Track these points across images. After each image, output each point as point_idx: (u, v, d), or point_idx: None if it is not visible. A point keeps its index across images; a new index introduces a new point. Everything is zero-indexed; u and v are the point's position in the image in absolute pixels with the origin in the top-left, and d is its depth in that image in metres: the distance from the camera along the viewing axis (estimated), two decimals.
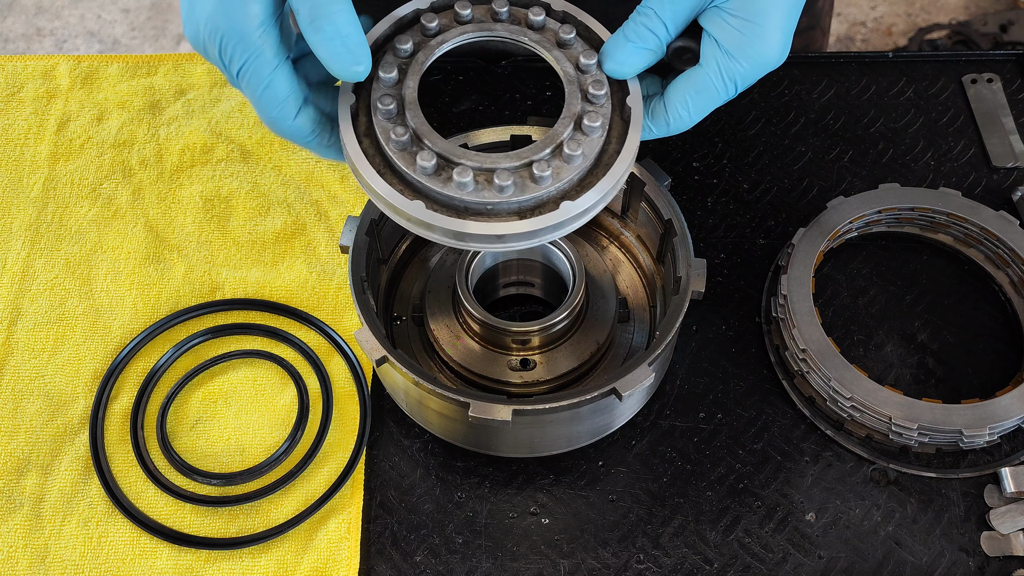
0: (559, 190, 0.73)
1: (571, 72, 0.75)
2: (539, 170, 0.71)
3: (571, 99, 0.74)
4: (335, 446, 0.95)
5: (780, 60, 0.75)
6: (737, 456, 0.94)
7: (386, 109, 0.72)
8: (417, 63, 0.75)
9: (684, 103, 0.76)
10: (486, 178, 0.71)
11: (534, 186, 0.71)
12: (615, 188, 0.74)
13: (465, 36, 0.76)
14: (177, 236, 1.07)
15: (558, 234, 0.73)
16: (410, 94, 0.73)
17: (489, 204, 0.71)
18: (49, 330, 1.01)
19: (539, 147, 0.72)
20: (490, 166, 0.71)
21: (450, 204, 0.72)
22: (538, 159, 0.72)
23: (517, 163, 0.72)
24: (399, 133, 0.71)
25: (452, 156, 0.71)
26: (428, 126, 0.72)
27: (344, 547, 0.89)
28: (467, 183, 0.70)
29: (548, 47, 0.76)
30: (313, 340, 1.00)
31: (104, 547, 0.90)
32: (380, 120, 0.73)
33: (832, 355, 0.93)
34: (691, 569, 0.89)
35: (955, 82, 1.17)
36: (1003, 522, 0.90)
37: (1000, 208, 1.02)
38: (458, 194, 0.71)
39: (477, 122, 1.12)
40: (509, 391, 0.91)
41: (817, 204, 1.07)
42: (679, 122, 0.77)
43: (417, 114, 0.72)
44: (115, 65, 1.18)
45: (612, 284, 0.97)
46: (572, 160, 0.72)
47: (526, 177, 0.72)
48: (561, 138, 0.73)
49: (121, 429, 0.96)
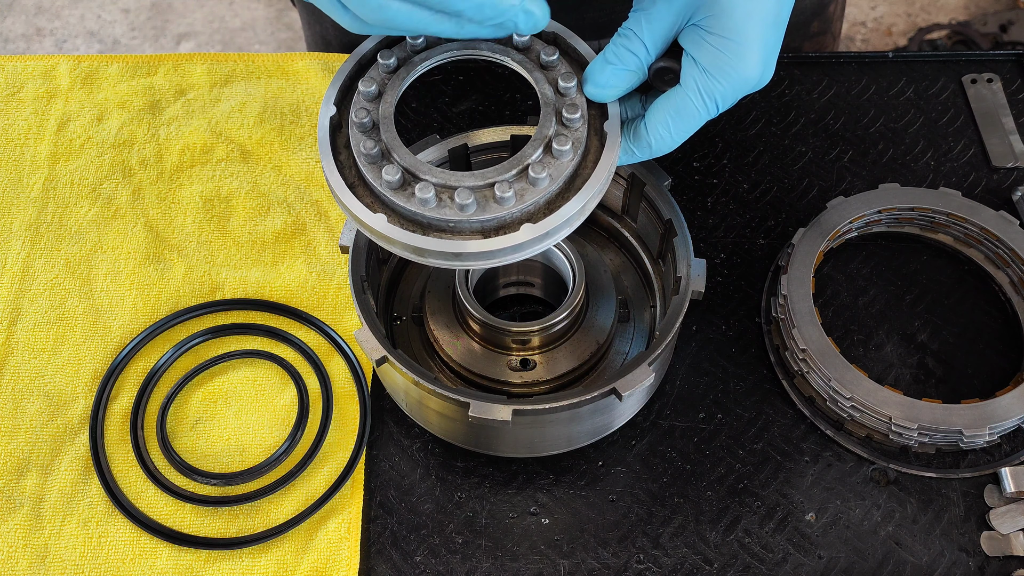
0: (523, 211, 0.72)
1: (549, 94, 0.75)
2: (501, 191, 0.71)
3: (545, 121, 0.74)
4: (335, 446, 0.95)
5: (761, 79, 0.73)
6: (737, 456, 0.94)
7: (361, 123, 0.73)
8: (398, 79, 0.75)
9: (665, 124, 0.75)
10: (448, 195, 0.71)
11: (496, 206, 0.71)
12: (582, 212, 0.73)
13: (448, 54, 0.76)
14: (177, 236, 1.07)
15: (520, 255, 0.72)
16: (386, 109, 0.74)
17: (451, 221, 0.71)
18: (49, 330, 1.01)
19: (504, 168, 0.72)
20: (452, 183, 0.71)
21: (414, 219, 0.72)
22: (500, 180, 0.72)
23: (480, 182, 0.72)
24: (368, 147, 0.72)
25: (417, 171, 0.72)
26: (399, 141, 0.72)
27: (344, 547, 0.90)
28: (429, 199, 0.71)
29: (530, 68, 0.76)
30: (313, 340, 1.00)
31: (104, 547, 0.90)
32: (355, 133, 0.73)
33: (832, 355, 0.93)
34: (691, 569, 0.89)
35: (955, 82, 1.17)
36: (1003, 522, 0.90)
37: (1000, 208, 1.02)
38: (420, 210, 0.71)
39: (477, 122, 1.12)
40: (509, 391, 0.91)
41: (817, 204, 1.07)
42: (661, 144, 0.76)
43: (389, 129, 0.73)
44: (115, 65, 1.18)
45: (612, 284, 0.97)
46: (537, 183, 0.72)
47: (489, 197, 0.72)
48: (528, 160, 0.72)
49: (121, 429, 0.96)
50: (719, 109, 0.74)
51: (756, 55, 0.72)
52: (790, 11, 0.74)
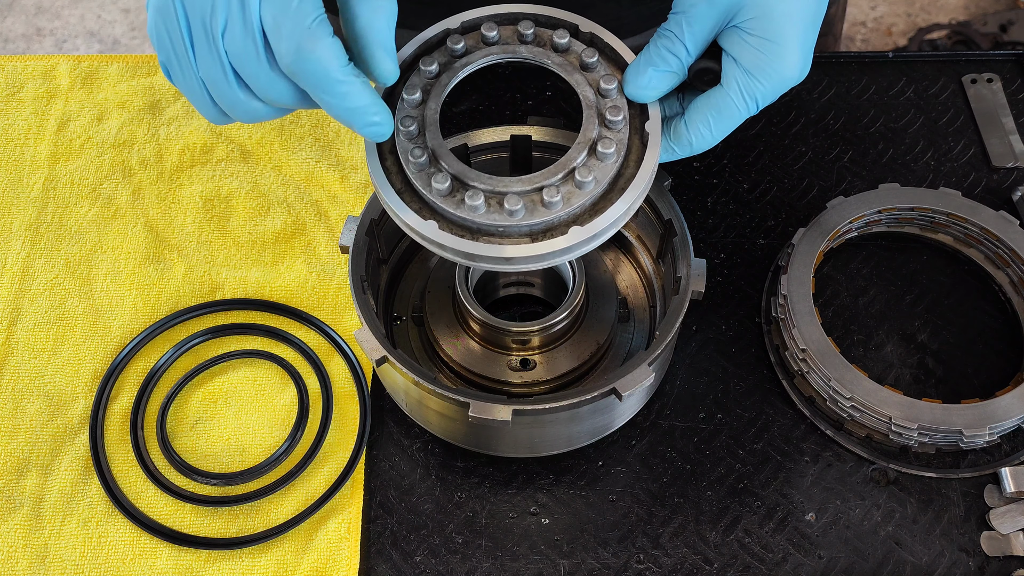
0: (570, 214, 0.73)
1: (591, 96, 0.76)
2: (549, 196, 0.72)
3: (588, 124, 0.75)
4: (335, 446, 0.95)
5: (800, 77, 0.76)
6: (737, 456, 0.94)
7: (407, 130, 0.74)
8: (440, 85, 0.76)
9: (706, 123, 0.77)
10: (497, 200, 0.73)
11: (544, 211, 0.73)
12: (627, 214, 0.74)
13: (490, 58, 0.77)
14: (177, 236, 1.07)
15: (567, 257, 0.74)
16: (431, 115, 0.75)
17: (500, 226, 0.73)
18: (49, 330, 1.01)
19: (551, 172, 0.73)
20: (501, 190, 0.73)
21: (463, 225, 0.73)
22: (548, 184, 0.73)
23: (528, 187, 0.73)
24: (417, 155, 0.73)
25: (466, 179, 0.73)
26: (446, 148, 0.74)
27: (344, 547, 0.90)
28: (479, 206, 0.72)
29: (570, 71, 0.77)
30: (313, 340, 1.00)
31: (104, 547, 0.90)
32: (401, 140, 0.74)
33: (832, 355, 0.93)
34: (691, 569, 0.89)
35: (955, 82, 1.17)
36: (1003, 522, 0.90)
37: (1000, 208, 1.02)
38: (470, 216, 0.72)
39: (477, 122, 1.12)
40: (509, 391, 0.91)
41: (817, 204, 1.07)
42: (701, 142, 0.78)
43: (436, 135, 0.74)
44: (115, 65, 1.18)
45: (612, 284, 0.97)
46: (584, 186, 0.73)
47: (536, 202, 0.73)
48: (574, 164, 0.73)
49: (121, 429, 0.96)
50: (759, 107, 0.76)
51: (796, 55, 0.74)
52: (825, 9, 0.77)
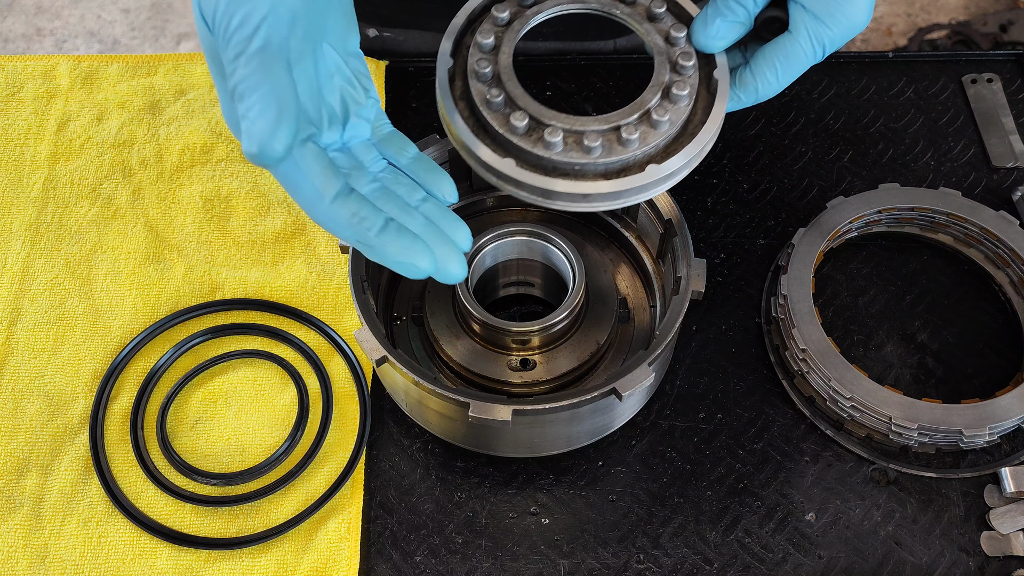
0: (645, 154, 0.76)
1: (660, 44, 0.78)
2: (627, 133, 0.74)
3: (660, 69, 0.77)
4: (335, 446, 0.95)
5: (867, 22, 0.78)
6: (737, 456, 0.94)
7: (483, 72, 0.76)
8: (512, 31, 0.78)
9: (773, 70, 0.79)
10: (575, 140, 0.75)
11: (621, 149, 0.75)
12: (700, 155, 0.77)
13: (560, 7, 0.80)
14: (177, 236, 1.07)
15: (642, 196, 0.76)
16: (505, 60, 0.77)
17: (577, 165, 0.74)
18: (49, 330, 1.01)
19: (627, 112, 0.75)
20: (579, 128, 0.75)
21: (539, 164, 0.75)
22: (626, 123, 0.75)
23: (605, 126, 0.75)
24: (494, 95, 0.75)
25: (543, 118, 0.75)
26: (522, 90, 0.76)
27: (344, 547, 0.90)
28: (556, 143, 0.74)
29: (639, 20, 0.79)
30: (313, 340, 1.00)
31: (104, 547, 0.90)
32: (476, 84, 0.76)
33: (832, 355, 0.93)
34: (691, 569, 0.89)
35: (955, 82, 1.17)
36: (1003, 522, 0.90)
37: (1000, 208, 1.02)
38: (547, 154, 0.74)
39: None
40: (509, 391, 0.91)
41: (817, 204, 1.07)
42: (768, 88, 0.80)
43: (512, 78, 0.76)
44: (115, 65, 1.18)
45: (612, 284, 0.97)
46: (659, 126, 0.75)
47: (613, 140, 0.75)
48: (649, 105, 0.76)
49: (121, 429, 0.96)
50: (826, 54, 0.78)
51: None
52: None
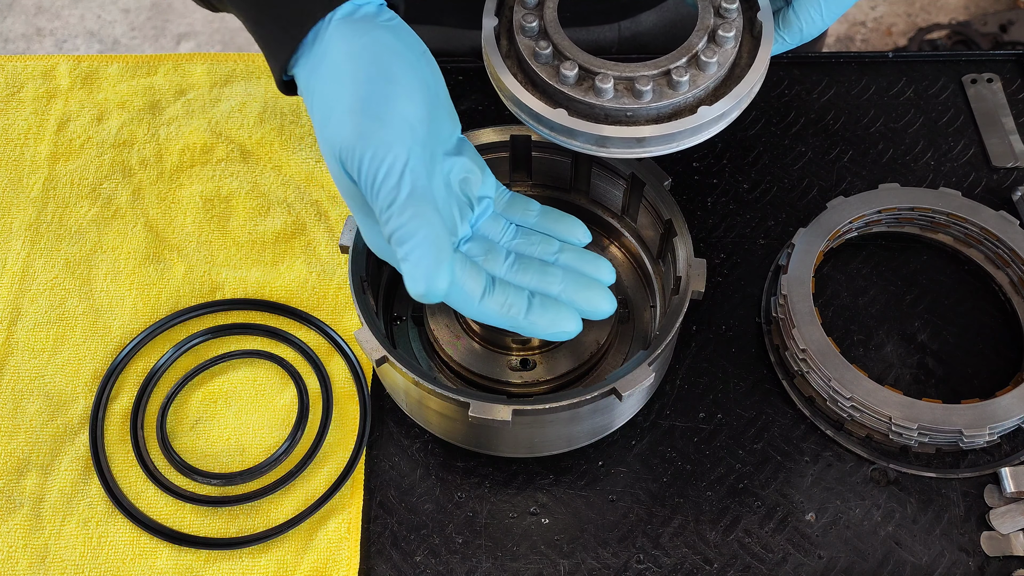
0: (695, 97, 0.78)
1: None
2: (677, 76, 0.76)
3: (704, 14, 0.79)
4: (335, 446, 0.95)
5: None
6: (737, 456, 0.94)
7: (530, 27, 0.79)
8: None
9: (817, 8, 0.81)
10: (626, 86, 0.76)
11: (671, 92, 0.76)
12: (749, 95, 0.79)
13: None
14: (177, 236, 1.07)
15: (695, 139, 0.78)
16: (550, 14, 0.80)
17: (628, 111, 0.76)
18: (49, 330, 1.01)
19: (675, 56, 0.78)
20: (630, 74, 0.76)
21: (590, 113, 0.77)
22: (675, 67, 0.77)
23: (655, 71, 0.77)
24: (543, 47, 0.77)
25: (593, 67, 0.77)
26: (569, 41, 0.78)
27: (344, 547, 0.90)
28: (607, 90, 0.76)
29: None
30: (313, 340, 1.00)
31: (104, 547, 0.90)
32: (523, 39, 0.79)
33: (832, 355, 0.93)
34: (691, 569, 0.89)
35: (955, 82, 1.17)
36: (1003, 522, 0.90)
37: (1000, 208, 1.02)
38: (598, 101, 0.76)
39: (477, 122, 1.12)
40: (509, 391, 0.91)
41: (817, 204, 1.07)
42: (812, 28, 0.81)
43: (558, 31, 0.79)
44: (115, 65, 1.18)
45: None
46: (707, 68, 0.77)
47: (664, 84, 0.77)
48: (696, 48, 0.78)
49: (121, 429, 0.96)
50: None
51: None
52: None
